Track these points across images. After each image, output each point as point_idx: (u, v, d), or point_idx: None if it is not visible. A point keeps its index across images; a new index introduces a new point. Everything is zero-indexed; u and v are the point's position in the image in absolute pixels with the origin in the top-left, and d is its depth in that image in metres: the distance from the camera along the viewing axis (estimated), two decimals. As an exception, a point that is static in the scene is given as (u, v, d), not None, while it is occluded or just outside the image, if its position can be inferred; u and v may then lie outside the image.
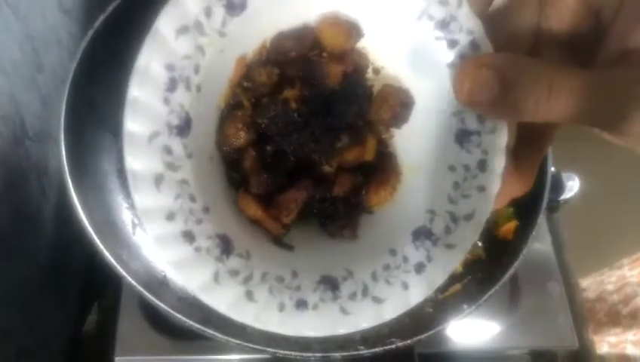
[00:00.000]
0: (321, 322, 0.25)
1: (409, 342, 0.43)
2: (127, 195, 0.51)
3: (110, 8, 0.48)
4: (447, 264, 0.26)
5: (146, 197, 0.24)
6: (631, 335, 0.67)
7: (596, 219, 1.29)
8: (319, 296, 0.26)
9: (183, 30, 0.24)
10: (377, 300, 0.26)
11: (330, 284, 0.26)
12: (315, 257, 0.28)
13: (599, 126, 0.22)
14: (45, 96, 0.53)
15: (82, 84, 0.46)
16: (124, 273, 0.42)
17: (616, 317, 0.71)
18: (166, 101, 0.24)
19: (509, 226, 0.50)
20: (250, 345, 0.42)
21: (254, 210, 0.28)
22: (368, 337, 0.47)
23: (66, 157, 0.44)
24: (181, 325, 0.42)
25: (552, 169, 0.51)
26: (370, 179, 0.30)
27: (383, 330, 0.48)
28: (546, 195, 0.49)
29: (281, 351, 0.42)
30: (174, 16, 0.24)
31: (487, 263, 0.51)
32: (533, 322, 0.53)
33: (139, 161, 0.23)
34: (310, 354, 0.43)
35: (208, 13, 0.24)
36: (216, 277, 0.25)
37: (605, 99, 0.21)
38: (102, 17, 0.47)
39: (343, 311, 0.25)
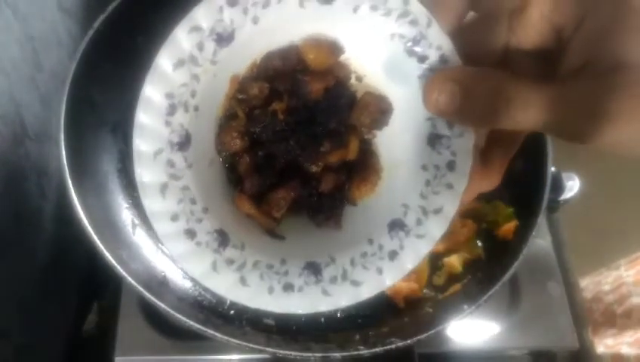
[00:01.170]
0: (304, 302, 0.29)
1: (409, 341, 0.43)
2: (127, 195, 0.51)
3: (110, 8, 0.48)
4: (417, 252, 0.29)
5: (153, 203, 0.28)
6: (627, 338, 0.67)
7: (596, 219, 1.29)
8: (304, 279, 0.29)
9: (179, 63, 0.28)
10: (355, 283, 0.29)
11: (314, 269, 0.30)
12: (302, 246, 0.32)
13: (561, 137, 0.25)
14: (45, 96, 0.53)
15: (82, 84, 0.46)
16: (124, 273, 0.42)
17: (612, 317, 0.71)
18: (167, 123, 0.28)
19: (509, 226, 0.50)
20: (250, 345, 0.42)
21: (248, 207, 0.32)
22: (368, 337, 0.47)
23: (66, 157, 0.44)
24: (181, 325, 0.42)
25: (552, 169, 0.51)
26: (353, 175, 0.34)
27: (383, 330, 0.48)
28: (546, 195, 0.49)
29: (281, 351, 0.42)
30: (171, 52, 0.28)
31: (487, 263, 0.51)
32: (533, 322, 0.53)
33: (146, 173, 0.28)
34: (310, 354, 0.43)
35: (200, 47, 0.28)
36: (214, 266, 0.29)
37: (563, 111, 0.23)
38: (102, 17, 0.47)
39: (325, 292, 0.29)
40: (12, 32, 0.46)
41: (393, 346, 0.43)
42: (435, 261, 0.51)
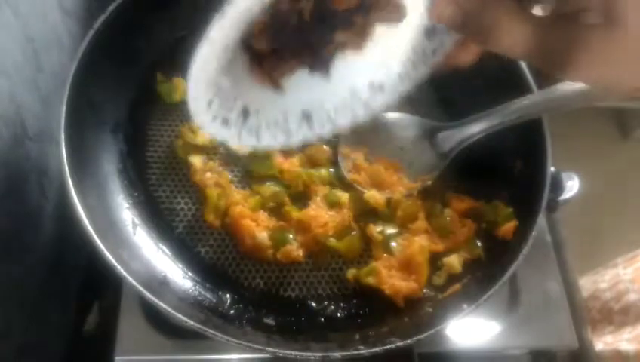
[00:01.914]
0: (299, 139, 0.39)
1: (409, 341, 0.43)
2: (127, 195, 0.51)
3: (110, 8, 0.48)
4: (396, 91, 0.38)
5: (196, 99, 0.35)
6: (626, 334, 0.67)
7: (596, 219, 1.29)
8: (298, 124, 0.40)
9: None
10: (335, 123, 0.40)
11: (307, 117, 0.40)
12: (299, 98, 0.40)
13: (545, 67, 0.28)
14: (45, 96, 0.53)
15: (82, 84, 0.46)
16: (124, 273, 0.42)
17: (609, 314, 0.71)
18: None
19: (509, 226, 0.50)
20: (251, 345, 0.42)
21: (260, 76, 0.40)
22: (368, 337, 0.47)
23: (66, 158, 0.44)
24: (181, 325, 0.42)
25: (552, 169, 0.51)
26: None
27: (382, 330, 0.48)
28: (546, 195, 0.49)
29: (281, 351, 0.42)
30: None
31: (486, 263, 0.51)
32: (533, 322, 0.53)
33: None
34: (310, 354, 0.43)
35: None
36: (239, 135, 0.38)
37: (545, 42, 0.27)
38: (102, 18, 0.48)
39: (313, 129, 0.40)
40: (12, 33, 0.46)
41: (393, 346, 0.43)
42: (435, 261, 0.51)
